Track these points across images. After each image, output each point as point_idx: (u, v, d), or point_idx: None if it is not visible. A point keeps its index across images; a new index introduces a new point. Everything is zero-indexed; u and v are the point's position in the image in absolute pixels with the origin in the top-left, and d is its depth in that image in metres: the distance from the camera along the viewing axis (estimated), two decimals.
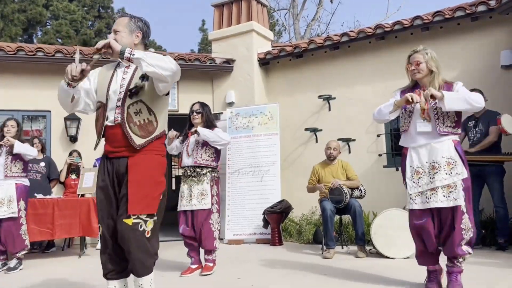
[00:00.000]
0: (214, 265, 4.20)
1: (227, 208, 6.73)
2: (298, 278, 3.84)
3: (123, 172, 2.47)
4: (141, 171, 2.44)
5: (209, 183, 4.18)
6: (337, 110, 6.92)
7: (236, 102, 7.45)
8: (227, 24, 7.87)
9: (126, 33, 2.54)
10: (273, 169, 6.68)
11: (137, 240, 2.36)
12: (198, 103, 4.39)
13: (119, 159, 2.49)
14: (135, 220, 2.37)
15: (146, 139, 2.47)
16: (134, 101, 2.47)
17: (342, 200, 4.99)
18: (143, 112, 2.48)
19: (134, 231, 2.36)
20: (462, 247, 3.04)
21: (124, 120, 2.45)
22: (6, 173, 4.75)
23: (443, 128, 3.09)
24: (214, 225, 4.17)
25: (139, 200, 2.38)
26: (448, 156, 3.06)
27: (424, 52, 3.25)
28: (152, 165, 2.49)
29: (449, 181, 3.03)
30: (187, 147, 4.28)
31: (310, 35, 16.55)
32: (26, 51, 6.57)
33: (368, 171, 6.47)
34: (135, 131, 2.45)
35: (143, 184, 2.41)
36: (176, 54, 7.38)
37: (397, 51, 6.42)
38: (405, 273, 3.73)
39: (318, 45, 6.95)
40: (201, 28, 22.25)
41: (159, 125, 2.53)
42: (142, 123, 2.48)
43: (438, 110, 3.12)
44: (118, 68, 2.61)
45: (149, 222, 2.43)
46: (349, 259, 4.78)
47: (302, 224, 6.48)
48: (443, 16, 5.90)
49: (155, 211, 2.47)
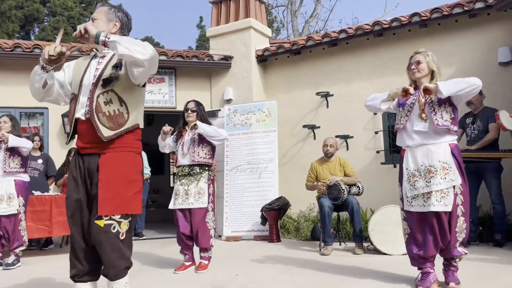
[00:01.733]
0: (209, 263, 4.20)
1: (225, 205, 6.74)
2: (296, 275, 3.85)
3: (94, 170, 2.34)
4: (112, 170, 2.31)
5: (206, 182, 4.16)
6: (335, 107, 6.92)
7: (234, 99, 7.45)
8: (225, 21, 7.85)
9: (104, 21, 2.46)
10: (271, 166, 6.69)
11: (110, 242, 2.25)
12: (193, 102, 4.32)
13: (90, 156, 2.38)
14: (107, 222, 2.25)
15: (115, 132, 2.33)
16: (104, 90, 2.34)
17: (340, 197, 5.00)
18: (114, 102, 2.35)
19: (106, 233, 2.24)
20: (458, 248, 3.11)
21: (92, 109, 2.32)
22: (5, 169, 4.74)
23: (442, 121, 3.10)
24: (210, 223, 4.16)
25: (110, 200, 2.26)
26: (443, 161, 3.09)
27: (425, 54, 3.27)
28: (124, 163, 2.36)
29: (443, 186, 3.06)
30: (182, 146, 4.22)
31: (308, 32, 16.53)
32: (23, 48, 6.55)
33: (366, 168, 6.48)
34: (103, 121, 2.32)
35: (114, 183, 2.28)
36: (174, 51, 7.37)
37: (395, 48, 6.43)
38: (403, 269, 3.74)
39: (316, 42, 6.95)
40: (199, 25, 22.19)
41: (130, 117, 2.39)
42: (112, 114, 2.33)
43: (434, 106, 3.14)
44: (93, 59, 2.52)
45: (123, 223, 2.31)
46: (347, 255, 4.79)
47: (300, 221, 6.49)
48: (441, 13, 5.90)
49: (130, 211, 2.34)
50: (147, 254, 5.29)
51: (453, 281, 3.11)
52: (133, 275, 4.04)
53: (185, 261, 4.21)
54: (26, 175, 5.00)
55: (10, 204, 4.71)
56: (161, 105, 7.34)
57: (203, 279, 3.80)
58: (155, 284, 3.70)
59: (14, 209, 4.71)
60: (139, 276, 4.01)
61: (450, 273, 3.16)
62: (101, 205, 2.24)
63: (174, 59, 7.23)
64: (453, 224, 3.07)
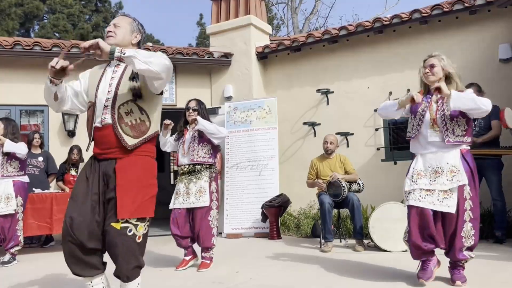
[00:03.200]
0: (211, 262, 4.14)
1: (225, 202, 6.74)
2: (296, 272, 3.86)
3: (111, 174, 2.38)
4: (129, 174, 2.35)
5: (207, 180, 4.09)
6: (335, 104, 6.91)
7: (234, 96, 7.44)
8: (225, 18, 7.84)
9: (128, 30, 2.49)
10: (271, 163, 6.69)
11: (125, 245, 2.28)
12: (195, 100, 4.28)
13: (107, 160, 2.41)
14: (124, 225, 2.29)
15: (139, 139, 2.40)
16: (124, 101, 2.39)
17: (340, 194, 5.00)
18: (134, 112, 2.41)
19: (122, 236, 2.28)
20: (463, 252, 3.09)
21: (115, 121, 2.37)
22: (3, 173, 4.77)
23: (453, 138, 3.08)
24: (213, 222, 4.10)
25: (129, 204, 2.30)
26: (452, 164, 3.07)
27: (439, 57, 3.23)
28: (141, 167, 2.41)
29: (448, 186, 3.04)
30: (183, 145, 4.18)
31: (309, 29, 16.51)
32: (23, 46, 6.54)
33: (366, 165, 6.48)
34: (126, 131, 2.38)
35: (132, 187, 2.33)
36: (174, 48, 7.36)
37: (395, 45, 6.42)
38: (403, 266, 3.75)
39: (316, 39, 6.93)
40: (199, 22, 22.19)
41: (152, 124, 2.46)
42: (134, 123, 2.40)
43: (446, 120, 3.11)
44: (108, 67, 2.55)
45: (140, 226, 2.36)
46: (347, 252, 4.80)
47: (301, 218, 6.49)
48: (442, 9, 5.89)
49: (147, 215, 2.39)
50: (149, 251, 5.28)
51: (459, 279, 3.09)
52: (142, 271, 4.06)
53: (185, 256, 4.19)
54: (25, 176, 5.00)
55: (8, 204, 4.72)
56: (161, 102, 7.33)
57: (204, 276, 3.81)
58: (157, 281, 3.71)
59: (11, 209, 4.73)
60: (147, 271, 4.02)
61: (456, 271, 3.14)
62: (120, 209, 2.28)
63: (174, 56, 7.21)
64: (459, 228, 3.03)
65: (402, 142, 6.21)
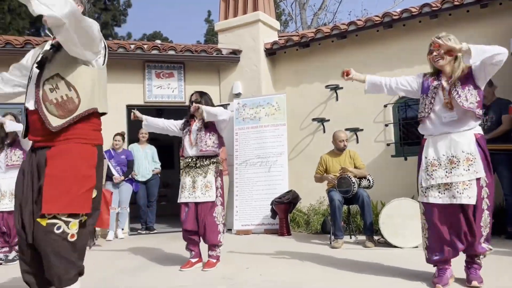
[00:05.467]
0: (217, 262, 4.03)
1: (235, 199, 6.76)
2: (307, 268, 3.86)
3: (43, 164, 2.11)
4: (62, 163, 2.07)
5: (214, 175, 4.03)
6: (345, 99, 6.88)
7: (243, 93, 7.44)
8: (233, 14, 7.83)
9: None
10: (280, 160, 6.68)
11: (52, 244, 1.99)
12: (197, 93, 4.24)
13: (42, 149, 2.14)
14: (50, 221, 2.00)
15: (65, 119, 2.09)
16: (49, 76, 2.11)
17: (350, 190, 4.98)
18: (61, 87, 2.10)
19: (48, 233, 2.00)
20: (482, 244, 2.96)
21: (39, 98, 2.09)
22: (7, 163, 4.82)
23: (467, 104, 2.91)
24: (219, 218, 3.99)
25: (57, 198, 2.02)
26: (468, 151, 2.92)
27: (446, 38, 3.01)
28: (76, 156, 2.11)
29: (466, 178, 2.90)
30: (190, 135, 4.11)
31: (317, 25, 16.43)
32: (34, 44, 6.59)
33: (376, 161, 6.45)
34: (51, 110, 2.07)
35: (63, 178, 2.05)
36: (182, 45, 7.37)
37: (405, 40, 6.36)
38: (414, 262, 3.72)
39: (325, 35, 6.90)
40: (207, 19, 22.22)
41: (82, 102, 2.13)
42: (60, 100, 2.09)
43: (458, 89, 2.96)
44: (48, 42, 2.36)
45: (73, 223, 2.05)
46: (358, 249, 4.79)
47: (310, 214, 6.49)
48: (452, 3, 5.82)
49: (81, 210, 2.08)
50: (157, 248, 5.33)
51: (475, 279, 2.95)
52: (141, 270, 4.10)
53: (191, 258, 4.09)
54: None
55: (13, 200, 4.76)
56: (170, 99, 7.36)
57: (214, 272, 3.83)
58: (165, 276, 3.73)
59: None
60: (147, 271, 4.05)
61: (473, 270, 3.01)
62: (46, 202, 2.00)
63: (183, 53, 7.23)
64: (478, 219, 2.90)
65: (412, 138, 6.17)
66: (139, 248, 5.33)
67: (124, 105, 7.07)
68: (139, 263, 4.42)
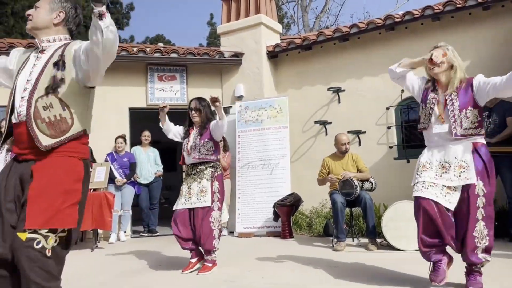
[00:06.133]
0: (213, 266, 4.00)
1: (237, 202, 6.75)
2: (309, 271, 3.85)
3: (27, 178, 2.03)
4: (47, 177, 2.00)
5: (209, 179, 4.01)
6: (347, 102, 6.88)
7: (245, 95, 7.45)
8: (235, 17, 7.85)
9: (46, 10, 2.22)
10: (282, 162, 6.68)
11: (31, 259, 1.92)
12: (195, 100, 4.24)
13: (26, 162, 2.07)
14: (30, 235, 1.93)
15: (56, 140, 2.04)
16: (43, 94, 2.05)
17: (352, 192, 4.98)
18: (55, 106, 2.04)
19: (27, 248, 1.92)
20: (478, 255, 2.89)
21: (30, 115, 2.02)
22: None
23: (461, 131, 2.93)
24: (215, 223, 3.95)
25: (40, 212, 1.95)
26: (461, 159, 2.92)
27: (445, 48, 3.09)
28: (61, 170, 2.04)
29: (454, 183, 2.90)
30: (187, 145, 4.14)
31: (319, 27, 16.44)
32: None
33: (379, 163, 6.44)
34: (42, 129, 2.02)
35: (47, 192, 1.97)
36: (185, 48, 7.39)
37: (407, 42, 6.36)
38: (416, 265, 3.71)
39: (327, 37, 6.90)
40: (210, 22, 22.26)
41: (75, 123, 2.09)
42: (53, 120, 2.04)
43: (455, 112, 2.98)
44: (33, 53, 2.23)
45: (50, 238, 1.97)
46: (360, 251, 4.77)
47: (313, 217, 6.48)
48: (454, 5, 5.82)
49: (60, 225, 2.00)
50: (159, 251, 5.33)
51: (473, 285, 2.91)
52: (143, 273, 4.09)
53: (191, 259, 4.10)
54: None
55: None
56: (172, 102, 7.36)
57: (216, 275, 3.82)
58: (168, 280, 3.73)
59: None
60: (149, 273, 4.06)
61: (472, 276, 2.96)
62: (29, 217, 1.94)
63: (185, 56, 7.25)
64: (470, 227, 2.85)
65: (415, 140, 6.16)
66: (141, 251, 5.33)
67: (126, 108, 7.08)
68: (141, 266, 4.42)
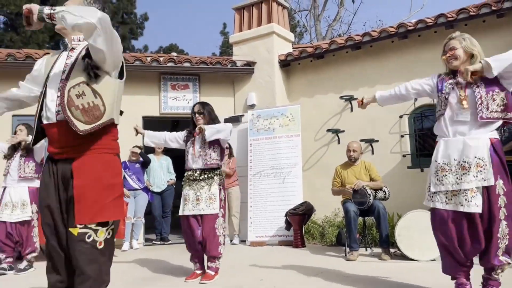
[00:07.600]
0: (215, 274, 4.00)
1: (249, 210, 6.74)
2: (321, 281, 3.81)
3: (68, 176, 2.12)
4: (87, 174, 2.10)
5: (218, 187, 4.05)
6: (360, 110, 6.74)
7: (257, 104, 7.47)
8: (247, 26, 7.91)
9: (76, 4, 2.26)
10: (294, 171, 6.66)
11: (85, 253, 2.04)
12: (199, 104, 4.28)
13: (64, 161, 2.15)
14: (81, 230, 2.05)
15: (91, 125, 2.09)
16: (75, 84, 2.12)
17: (365, 201, 4.93)
18: (87, 94, 2.11)
19: (81, 242, 2.05)
20: (500, 257, 2.76)
21: (64, 104, 2.09)
22: (20, 174, 4.88)
23: (487, 113, 2.76)
24: (219, 230, 3.99)
25: (87, 208, 2.06)
26: (479, 157, 2.76)
27: (460, 38, 2.94)
28: (101, 166, 2.15)
29: (473, 184, 2.77)
30: (193, 148, 4.14)
31: (332, 36, 16.45)
32: None
33: (392, 172, 6.38)
34: (77, 115, 2.08)
35: (90, 189, 2.08)
36: (198, 57, 7.45)
37: (420, 50, 6.33)
38: (431, 276, 3.66)
39: (339, 46, 6.91)
40: (222, 31, 22.45)
41: (107, 110, 2.14)
42: (86, 106, 2.10)
43: (481, 93, 2.80)
44: (64, 52, 2.36)
45: (100, 231, 2.10)
46: (373, 261, 4.72)
47: (325, 226, 6.43)
48: (468, 13, 5.78)
49: (109, 218, 2.13)
50: (170, 259, 5.34)
51: None
52: (152, 281, 4.10)
53: (196, 270, 4.11)
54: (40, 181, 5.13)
55: (24, 211, 4.84)
56: (185, 111, 7.42)
57: (227, 284, 3.81)
58: None
59: (27, 215, 4.85)
60: (158, 282, 4.06)
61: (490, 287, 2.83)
62: (78, 213, 2.06)
63: (198, 65, 7.31)
64: (495, 229, 2.71)
65: (428, 149, 6.10)
66: (152, 259, 5.34)
67: (140, 117, 7.15)
68: (150, 274, 4.43)
